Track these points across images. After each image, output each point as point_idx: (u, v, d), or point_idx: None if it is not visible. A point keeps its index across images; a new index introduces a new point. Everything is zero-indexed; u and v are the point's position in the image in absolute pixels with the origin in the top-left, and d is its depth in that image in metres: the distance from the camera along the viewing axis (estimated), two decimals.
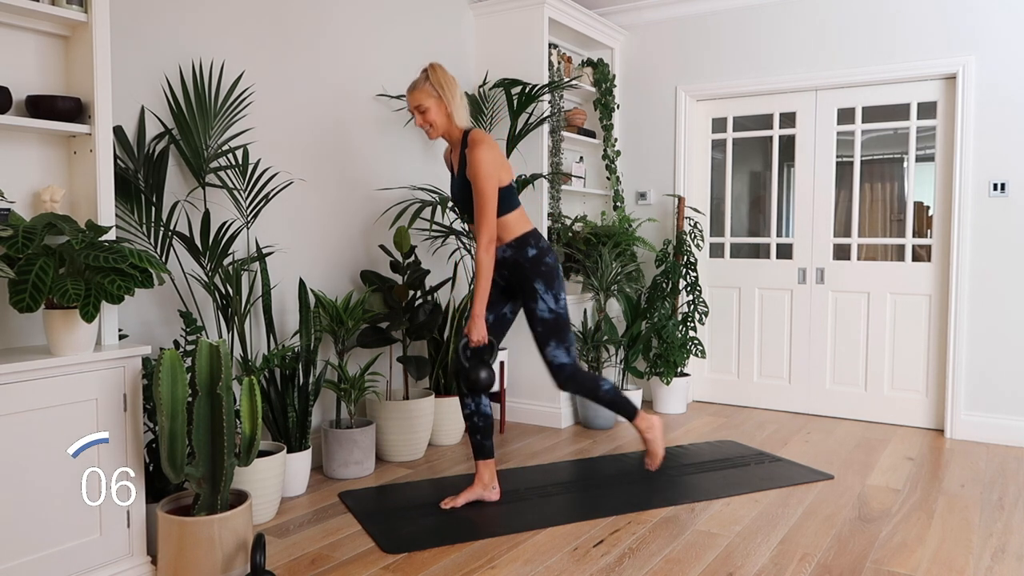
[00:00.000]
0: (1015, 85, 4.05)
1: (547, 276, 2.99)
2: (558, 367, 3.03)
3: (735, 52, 4.83)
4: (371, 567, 2.55)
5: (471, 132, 2.95)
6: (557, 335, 3.00)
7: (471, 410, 3.09)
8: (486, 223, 2.86)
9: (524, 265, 2.97)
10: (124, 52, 2.86)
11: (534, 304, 2.99)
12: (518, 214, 3.00)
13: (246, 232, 3.30)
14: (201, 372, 2.36)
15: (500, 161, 2.90)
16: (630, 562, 2.61)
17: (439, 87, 2.90)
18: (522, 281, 3.00)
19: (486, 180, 2.83)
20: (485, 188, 2.84)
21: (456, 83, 2.96)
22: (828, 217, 4.71)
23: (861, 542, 2.78)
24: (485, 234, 2.86)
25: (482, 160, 2.82)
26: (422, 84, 2.93)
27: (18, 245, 2.05)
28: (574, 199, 5.31)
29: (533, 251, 2.98)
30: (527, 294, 3.00)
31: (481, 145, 2.85)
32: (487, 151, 2.85)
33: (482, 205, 2.85)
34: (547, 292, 2.98)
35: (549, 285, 2.98)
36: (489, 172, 2.84)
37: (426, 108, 2.92)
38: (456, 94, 2.93)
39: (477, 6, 4.60)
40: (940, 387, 4.39)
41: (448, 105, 2.91)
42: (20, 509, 2.12)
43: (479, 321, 2.90)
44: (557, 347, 3.01)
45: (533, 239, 3.00)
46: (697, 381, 5.19)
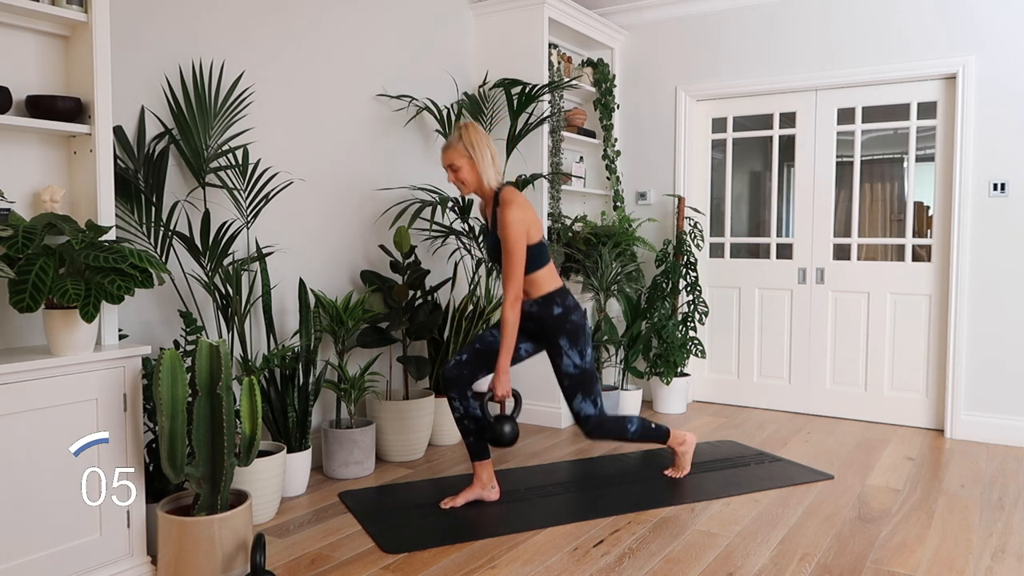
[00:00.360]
0: (1015, 85, 4.05)
1: (572, 334, 3.06)
2: (584, 419, 3.13)
3: (735, 52, 4.83)
4: (371, 567, 2.56)
5: (502, 191, 3.01)
6: (583, 388, 3.10)
7: (461, 414, 3.10)
8: (513, 281, 2.95)
9: (549, 323, 3.06)
10: (124, 52, 2.86)
11: (559, 360, 3.09)
12: (547, 271, 3.07)
13: (246, 232, 3.31)
14: (201, 372, 2.36)
15: (530, 220, 2.98)
16: (630, 562, 2.61)
17: (471, 147, 3.00)
18: (548, 337, 3.10)
19: (516, 241, 2.92)
20: (514, 248, 2.92)
21: (488, 142, 3.04)
22: (828, 217, 4.71)
23: (861, 542, 2.78)
24: (511, 291, 2.95)
25: (512, 221, 2.91)
26: (455, 144, 3.02)
27: (18, 245, 2.05)
28: (574, 199, 5.31)
29: (559, 309, 3.06)
30: (553, 350, 3.10)
31: (511, 205, 2.93)
32: (517, 211, 2.93)
33: (510, 264, 2.94)
34: (572, 349, 3.07)
35: (574, 342, 3.07)
36: (519, 233, 2.92)
37: (459, 167, 3.02)
38: (486, 155, 3.01)
39: (477, 6, 4.60)
40: (940, 387, 4.39)
41: (479, 165, 3.00)
42: (20, 509, 2.12)
43: (504, 377, 2.99)
44: (583, 400, 3.11)
45: (559, 297, 3.07)
46: (697, 381, 5.19)
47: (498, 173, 3.07)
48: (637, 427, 3.23)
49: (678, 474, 3.49)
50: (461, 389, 3.08)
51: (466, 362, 3.09)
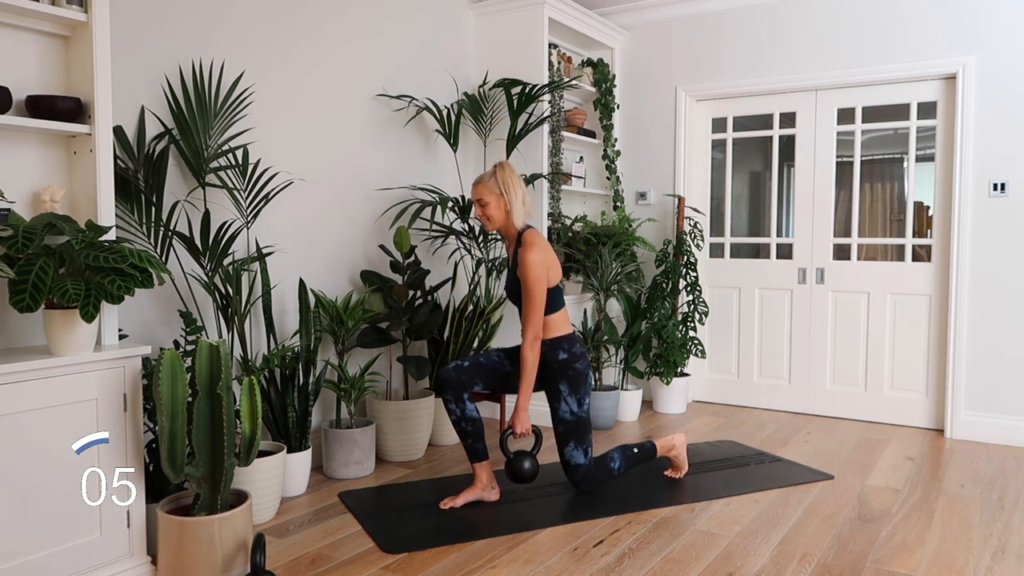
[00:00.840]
0: (1015, 85, 4.05)
1: (573, 380, 3.13)
2: (574, 467, 3.18)
3: (735, 52, 4.83)
4: (371, 567, 2.56)
5: (525, 233, 3.10)
6: (576, 436, 3.16)
7: (457, 416, 3.11)
8: (531, 322, 3.02)
9: (552, 366, 3.12)
10: (124, 52, 2.86)
11: (556, 404, 3.15)
12: (560, 316, 3.14)
13: (246, 232, 3.31)
14: (201, 372, 2.36)
15: (550, 263, 3.06)
16: (630, 562, 2.61)
17: (503, 186, 3.07)
18: (549, 379, 3.15)
19: (535, 283, 2.99)
20: (533, 290, 3.00)
21: (520, 184, 3.11)
22: (828, 217, 4.71)
23: (861, 542, 2.78)
24: (531, 332, 3.02)
25: (533, 264, 2.98)
26: (487, 180, 3.10)
27: (18, 245, 2.05)
28: (574, 199, 5.31)
29: (564, 355, 3.12)
30: (552, 393, 3.16)
31: (533, 248, 3.00)
32: (538, 254, 3.00)
33: (530, 305, 3.01)
34: (571, 395, 3.13)
35: (574, 389, 3.13)
36: (539, 276, 3.00)
37: (487, 203, 3.09)
38: (518, 196, 3.08)
39: (477, 6, 4.60)
40: (940, 387, 4.39)
41: (508, 204, 3.08)
42: (20, 509, 2.12)
43: (523, 415, 3.07)
44: (575, 448, 3.16)
45: (567, 343, 3.13)
46: (697, 381, 5.19)
47: (528, 215, 3.14)
48: (620, 463, 3.27)
49: (678, 474, 3.50)
50: (457, 392, 3.09)
51: (466, 368, 3.11)
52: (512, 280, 3.16)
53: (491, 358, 3.19)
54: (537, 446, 3.16)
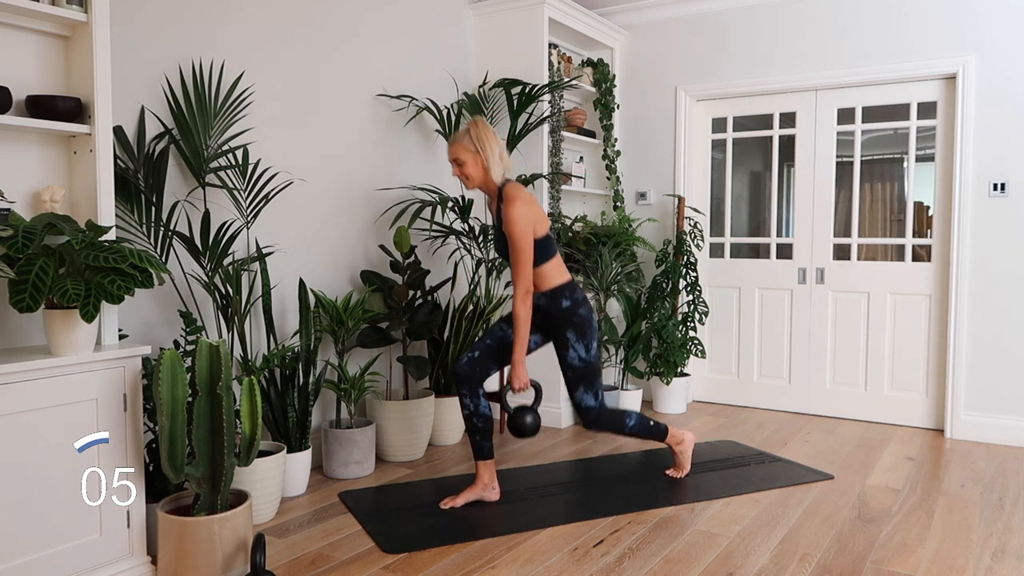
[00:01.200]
0: (1015, 85, 4.05)
1: (579, 327, 3.09)
2: (585, 410, 3.16)
3: (735, 52, 4.83)
4: (371, 567, 2.56)
5: (506, 187, 3.04)
6: (586, 381, 3.13)
7: (470, 411, 3.10)
8: (521, 277, 2.97)
9: (556, 316, 3.09)
10: (124, 52, 2.86)
11: (565, 352, 3.12)
12: (555, 264, 3.09)
13: (246, 232, 3.31)
14: (201, 372, 2.36)
15: (535, 215, 3.00)
16: (630, 562, 2.61)
17: (478, 142, 3.01)
18: (555, 329, 3.12)
19: (521, 236, 2.94)
20: (520, 244, 2.95)
21: (495, 139, 3.05)
22: (828, 217, 4.71)
23: (861, 542, 2.78)
24: (521, 286, 2.97)
25: (517, 218, 2.93)
26: (462, 138, 3.04)
27: (18, 245, 2.05)
28: (574, 199, 5.31)
29: (567, 303, 3.08)
30: (559, 342, 3.12)
31: (516, 202, 2.95)
32: (521, 206, 2.95)
33: (516, 259, 2.96)
34: (578, 342, 3.09)
35: (581, 335, 3.09)
36: (524, 229, 2.95)
37: (463, 161, 3.03)
38: (494, 150, 3.03)
39: (477, 6, 4.60)
40: (940, 387, 4.39)
41: (485, 161, 3.02)
42: (20, 509, 2.12)
43: (520, 368, 3.02)
44: (585, 392, 3.14)
45: (568, 290, 3.10)
46: (697, 381, 5.19)
47: (506, 170, 3.09)
48: (635, 422, 3.25)
49: (679, 473, 3.49)
50: (473, 386, 3.09)
51: (478, 359, 3.11)
52: (499, 236, 3.10)
53: (496, 335, 3.14)
54: (538, 400, 3.13)
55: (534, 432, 3.06)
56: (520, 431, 3.05)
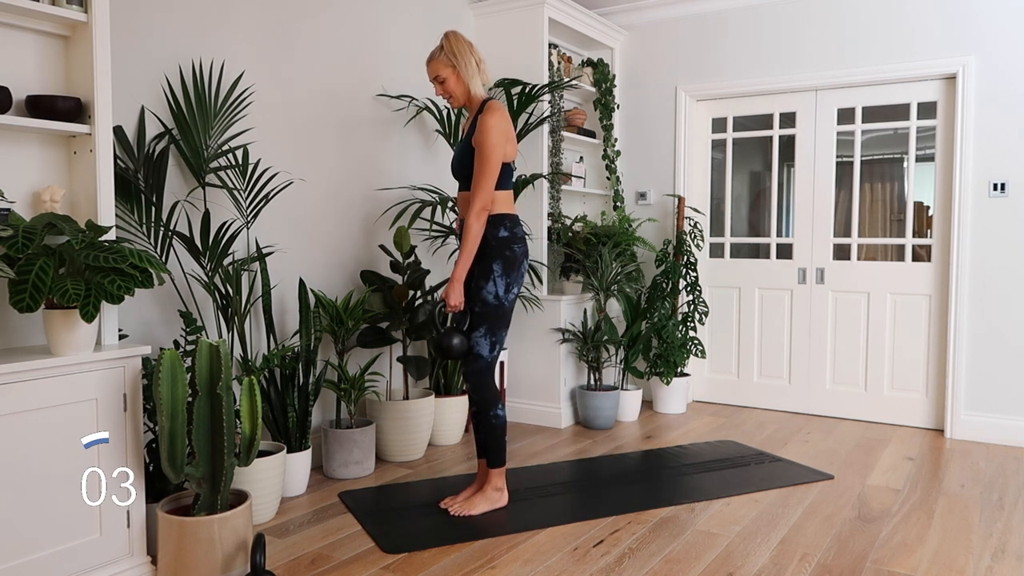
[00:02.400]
0: (1015, 85, 4.05)
1: (508, 261, 2.92)
2: (475, 356, 2.97)
3: (735, 52, 4.83)
4: (371, 567, 2.56)
5: (490, 101, 2.94)
6: (490, 323, 2.94)
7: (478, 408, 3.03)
8: (483, 190, 2.84)
9: (490, 243, 2.92)
10: (124, 52, 2.86)
11: (484, 283, 2.92)
12: (507, 195, 2.97)
13: (246, 232, 3.31)
14: (201, 372, 2.36)
15: (509, 134, 2.90)
16: (630, 562, 2.61)
17: (454, 56, 2.91)
18: (482, 256, 2.93)
19: (492, 148, 2.82)
20: (490, 155, 2.83)
21: (471, 50, 2.94)
22: (828, 217, 4.71)
23: (861, 542, 2.78)
24: (479, 200, 2.84)
25: (492, 126, 2.82)
26: (438, 55, 2.94)
27: (18, 245, 2.05)
28: (574, 199, 5.31)
29: (504, 232, 2.93)
30: (482, 271, 2.93)
31: (495, 113, 2.85)
32: (499, 119, 2.85)
33: (482, 171, 2.83)
34: (501, 276, 2.91)
35: (506, 271, 2.92)
36: (495, 141, 2.83)
37: (444, 78, 2.93)
38: (470, 64, 2.92)
39: (477, 6, 4.60)
40: (940, 387, 4.39)
41: (463, 73, 2.92)
42: (20, 509, 2.12)
43: (458, 286, 2.87)
44: (483, 335, 2.95)
45: (509, 222, 2.95)
46: (697, 381, 5.19)
47: (486, 83, 2.98)
48: (501, 419, 3.02)
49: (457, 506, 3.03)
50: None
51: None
52: (464, 150, 2.94)
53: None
54: (466, 321, 2.95)
55: (460, 354, 2.90)
56: (447, 351, 2.89)
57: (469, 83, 2.93)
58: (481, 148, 2.83)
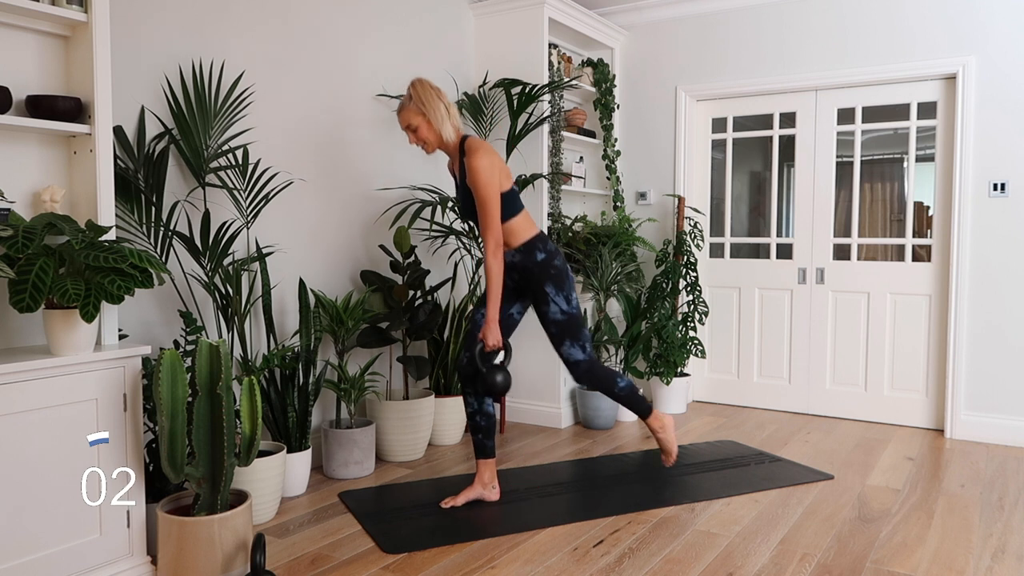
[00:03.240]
0: (1015, 85, 4.05)
1: (557, 279, 3.03)
2: (574, 363, 3.08)
3: (735, 52, 4.83)
4: (371, 567, 2.56)
5: (467, 140, 2.98)
6: (571, 334, 3.06)
7: (474, 409, 3.11)
8: (490, 229, 2.91)
9: (533, 270, 3.02)
10: (124, 52, 2.86)
11: (546, 307, 3.04)
12: (523, 218, 3.03)
13: (246, 232, 3.31)
14: (201, 372, 2.36)
15: (498, 166, 2.93)
16: (630, 562, 2.61)
17: (422, 105, 2.94)
18: (532, 285, 3.05)
19: (486, 187, 2.88)
20: (486, 195, 2.89)
21: (439, 97, 2.96)
22: (828, 217, 4.71)
23: (861, 542, 2.78)
24: (491, 239, 2.91)
25: (479, 168, 2.87)
26: (407, 104, 2.97)
27: (18, 245, 2.05)
28: (574, 199, 5.31)
29: (542, 255, 3.02)
30: (538, 297, 3.05)
31: (477, 152, 2.89)
32: (484, 157, 2.88)
33: (485, 211, 2.90)
34: (558, 295, 3.03)
35: (560, 287, 3.03)
36: (488, 179, 2.88)
37: (416, 126, 2.97)
38: (439, 109, 2.95)
39: (477, 6, 4.60)
40: (940, 387, 4.39)
41: (433, 122, 2.95)
42: (20, 509, 2.12)
43: (493, 326, 2.96)
44: (572, 345, 3.07)
45: (540, 243, 3.04)
46: (697, 381, 5.19)
47: (456, 127, 3.00)
48: (626, 385, 3.15)
49: (668, 461, 3.34)
50: (477, 386, 3.08)
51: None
52: (463, 195, 3.04)
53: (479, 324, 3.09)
54: (507, 358, 3.05)
55: (505, 390, 2.99)
56: (492, 389, 2.97)
57: (440, 129, 2.97)
58: (477, 191, 2.90)
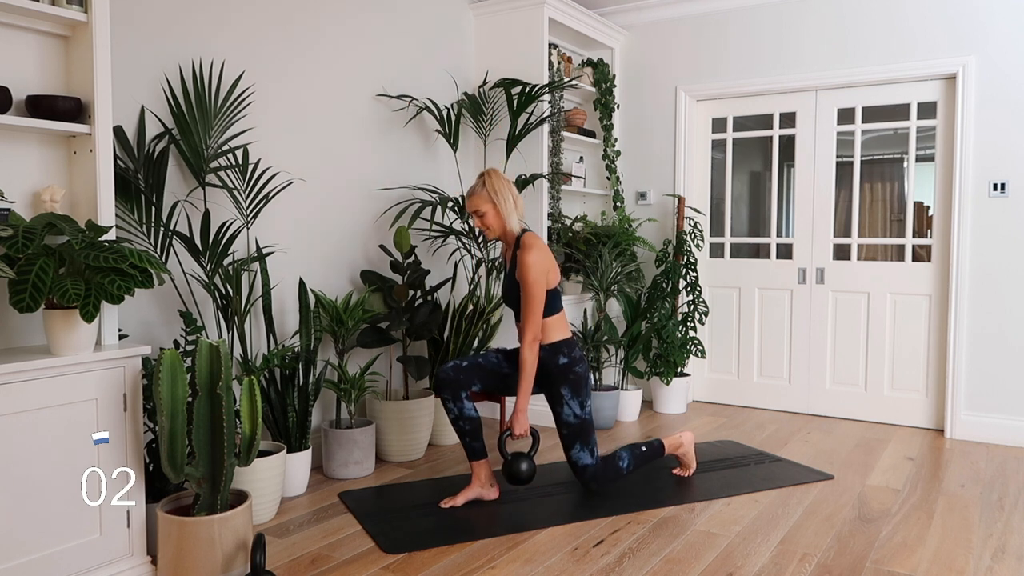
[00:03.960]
0: (1015, 85, 4.05)
1: (575, 384, 3.14)
2: (582, 468, 3.18)
3: (735, 52, 4.83)
4: (371, 567, 2.56)
5: (524, 235, 3.11)
6: (581, 438, 3.16)
7: (455, 415, 3.12)
8: (531, 323, 3.03)
9: (552, 371, 3.13)
10: (124, 52, 2.86)
11: (560, 408, 3.16)
12: (559, 319, 3.15)
13: (246, 232, 3.31)
14: (201, 372, 2.36)
15: (549, 265, 3.08)
16: (630, 562, 2.61)
17: (494, 193, 3.08)
18: (550, 384, 3.16)
19: (534, 284, 3.01)
20: (533, 291, 3.01)
21: (510, 187, 3.12)
22: (828, 217, 4.71)
23: (861, 542, 2.78)
24: (530, 333, 3.03)
25: (532, 264, 3.00)
26: (479, 190, 3.10)
27: (18, 245, 2.05)
28: (574, 199, 5.31)
29: (564, 360, 3.13)
30: (554, 398, 3.16)
31: (532, 249, 3.02)
32: (537, 255, 3.02)
33: (529, 306, 3.02)
34: (573, 399, 3.14)
35: (576, 392, 3.14)
36: (538, 277, 3.02)
37: (483, 212, 3.10)
38: (508, 199, 3.09)
39: (477, 6, 4.60)
40: (940, 387, 4.39)
41: (502, 210, 3.08)
42: (20, 509, 2.12)
43: (522, 416, 3.08)
44: (581, 449, 3.17)
45: (566, 347, 3.14)
46: (697, 381, 5.19)
47: (521, 219, 3.15)
48: (628, 461, 3.26)
49: (686, 472, 3.50)
50: (454, 391, 3.10)
51: (464, 368, 3.13)
52: (510, 284, 3.17)
53: (490, 359, 3.21)
54: (534, 448, 3.16)
55: (529, 479, 3.09)
56: (516, 478, 3.07)
57: (507, 220, 3.10)
58: (525, 285, 3.02)
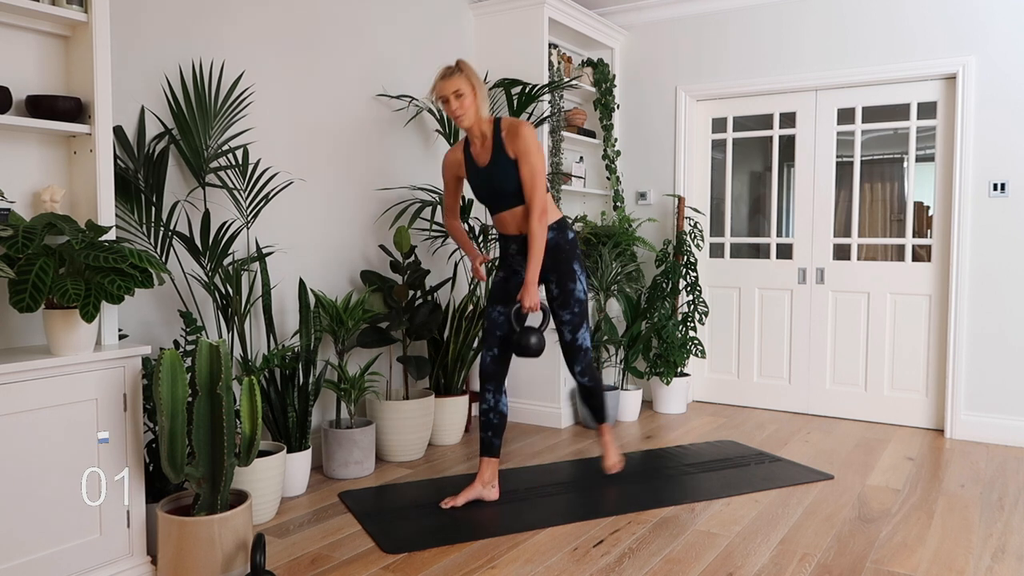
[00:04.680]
0: (1015, 85, 4.05)
1: (580, 259, 3.17)
2: (586, 350, 3.19)
3: (735, 52, 4.83)
4: (371, 567, 2.56)
5: (503, 120, 3.04)
6: (586, 318, 3.18)
7: (490, 406, 3.13)
8: (540, 195, 2.97)
9: (565, 247, 3.12)
10: (124, 52, 2.86)
11: (573, 285, 3.12)
12: (550, 199, 3.14)
13: (246, 232, 3.31)
14: (201, 372, 2.36)
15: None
16: (630, 562, 2.61)
17: (473, 77, 2.99)
18: (562, 263, 3.12)
19: (538, 154, 2.96)
20: (537, 163, 2.96)
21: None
22: (828, 217, 4.71)
23: (861, 542, 2.78)
24: (539, 205, 2.96)
25: (531, 136, 2.95)
26: (456, 73, 2.99)
27: (18, 245, 2.05)
28: (574, 199, 5.31)
29: (572, 234, 3.15)
30: (567, 275, 3.12)
31: (524, 124, 2.98)
32: (531, 128, 2.98)
33: (536, 179, 2.97)
34: (582, 273, 3.16)
35: (583, 267, 3.17)
36: (539, 148, 2.98)
37: (463, 93, 2.96)
38: (483, 86, 3.03)
39: (477, 6, 4.60)
40: (940, 387, 4.39)
41: (479, 94, 2.99)
42: (20, 509, 2.12)
43: (533, 289, 3.00)
44: (586, 330, 3.18)
45: (568, 223, 3.17)
46: (697, 381, 5.19)
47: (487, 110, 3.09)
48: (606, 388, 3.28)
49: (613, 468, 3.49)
50: (498, 383, 3.14)
51: (499, 356, 3.15)
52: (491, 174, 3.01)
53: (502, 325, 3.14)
54: (545, 323, 3.09)
55: (538, 352, 3.02)
56: (525, 350, 3.00)
57: (481, 104, 3.01)
58: (528, 156, 2.95)
